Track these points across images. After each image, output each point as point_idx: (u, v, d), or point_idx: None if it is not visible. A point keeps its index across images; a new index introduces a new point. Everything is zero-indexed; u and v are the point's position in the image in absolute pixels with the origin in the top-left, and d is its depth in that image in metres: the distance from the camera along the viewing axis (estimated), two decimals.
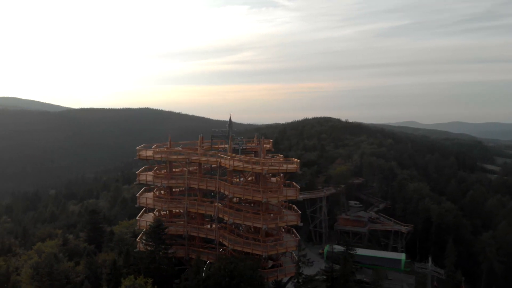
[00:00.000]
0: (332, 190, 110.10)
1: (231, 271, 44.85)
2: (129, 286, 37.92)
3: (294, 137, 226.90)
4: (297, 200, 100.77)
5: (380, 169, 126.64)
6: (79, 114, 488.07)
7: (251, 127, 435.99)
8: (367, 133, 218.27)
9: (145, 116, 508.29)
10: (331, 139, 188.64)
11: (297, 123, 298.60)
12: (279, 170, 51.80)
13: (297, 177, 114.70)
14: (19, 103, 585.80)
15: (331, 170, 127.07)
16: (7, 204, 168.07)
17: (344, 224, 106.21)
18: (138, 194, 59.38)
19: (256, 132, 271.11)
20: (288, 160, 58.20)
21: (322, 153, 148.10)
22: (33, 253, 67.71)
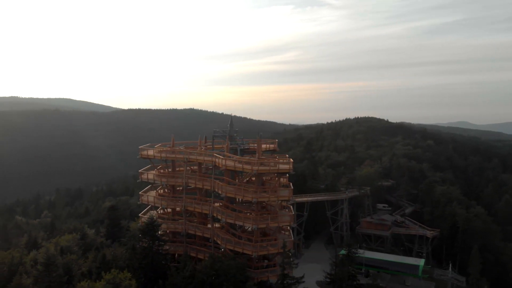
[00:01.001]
0: (355, 192, 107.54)
1: (216, 269, 45.26)
2: (109, 279, 39.25)
3: (330, 138, 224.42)
4: (317, 200, 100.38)
5: (410, 171, 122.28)
6: (127, 114, 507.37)
7: (291, 127, 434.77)
8: (408, 133, 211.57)
9: (189, 116, 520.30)
10: (364, 139, 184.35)
11: (335, 124, 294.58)
12: (270, 170, 51.36)
13: (319, 178, 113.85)
14: (72, 104, 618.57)
15: (358, 172, 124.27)
16: (50, 199, 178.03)
17: (367, 227, 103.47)
18: (141, 192, 61.20)
19: (296, 132, 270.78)
20: (286, 161, 56.85)
21: (351, 154, 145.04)
22: (51, 246, 71.57)
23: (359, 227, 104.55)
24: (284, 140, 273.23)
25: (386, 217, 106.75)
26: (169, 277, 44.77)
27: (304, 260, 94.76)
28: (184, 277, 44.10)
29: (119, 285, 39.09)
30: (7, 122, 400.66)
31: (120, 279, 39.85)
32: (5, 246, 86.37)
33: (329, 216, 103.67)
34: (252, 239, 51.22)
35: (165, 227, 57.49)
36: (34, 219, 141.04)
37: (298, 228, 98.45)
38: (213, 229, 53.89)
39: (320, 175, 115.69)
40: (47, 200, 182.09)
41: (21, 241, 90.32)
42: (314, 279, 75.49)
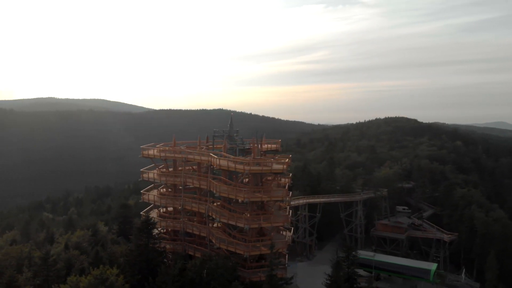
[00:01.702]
0: (370, 194, 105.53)
1: (205, 268, 45.63)
2: (97, 275, 40.33)
3: (355, 138, 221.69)
4: (330, 202, 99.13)
5: (431, 172, 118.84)
6: (159, 115, 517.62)
7: (319, 127, 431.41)
8: (436, 134, 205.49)
9: (218, 117, 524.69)
10: (387, 140, 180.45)
11: (362, 124, 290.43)
12: (262, 170, 51.11)
13: (335, 179, 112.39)
14: (106, 104, 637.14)
15: (377, 173, 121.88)
16: (77, 197, 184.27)
17: (382, 229, 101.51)
18: (142, 191, 62.43)
19: (323, 133, 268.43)
20: (282, 161, 56.36)
21: (372, 154, 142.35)
22: (64, 241, 74.12)
23: (374, 229, 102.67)
24: (310, 140, 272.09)
25: (402, 219, 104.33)
26: (159, 275, 45.45)
27: (316, 261, 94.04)
28: (172, 275, 44.64)
29: (106, 280, 40.03)
30: (44, 121, 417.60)
31: (107, 275, 40.79)
32: (24, 241, 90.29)
33: (343, 218, 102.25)
34: (246, 239, 51.25)
35: (165, 225, 58.39)
36: (62, 216, 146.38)
37: (310, 229, 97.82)
38: (209, 228, 54.26)
39: (336, 176, 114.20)
40: (75, 197, 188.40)
41: (40, 236, 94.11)
42: (322, 280, 74.72)
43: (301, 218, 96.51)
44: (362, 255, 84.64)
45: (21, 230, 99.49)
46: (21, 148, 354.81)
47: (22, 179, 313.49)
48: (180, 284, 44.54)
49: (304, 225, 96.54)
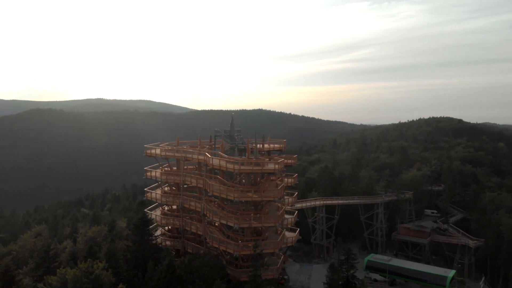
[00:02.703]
0: (393, 197, 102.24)
1: (192, 266, 46.31)
2: (83, 268, 42.00)
3: (392, 139, 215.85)
4: (349, 204, 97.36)
5: (461, 175, 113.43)
6: (200, 115, 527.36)
7: (360, 128, 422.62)
8: (478, 134, 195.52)
9: (257, 117, 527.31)
10: (423, 141, 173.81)
11: (401, 125, 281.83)
12: (253, 170, 51.04)
13: (359, 180, 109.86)
14: (152, 105, 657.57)
15: (404, 175, 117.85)
16: (115, 194, 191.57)
17: (404, 233, 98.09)
18: (146, 189, 64.12)
19: (362, 133, 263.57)
20: (279, 160, 56.03)
21: (403, 156, 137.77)
22: (81, 235, 77.58)
23: (396, 233, 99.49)
24: (347, 141, 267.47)
25: (427, 223, 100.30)
26: (147, 271, 46.62)
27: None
28: (159, 271, 45.65)
29: (91, 273, 41.56)
30: (91, 121, 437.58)
31: (93, 269, 42.33)
32: (52, 235, 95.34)
33: (363, 221, 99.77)
34: (237, 238, 51.53)
35: (165, 222, 59.77)
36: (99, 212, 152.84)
37: (327, 231, 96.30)
38: (205, 226, 54.93)
39: (360, 178, 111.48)
40: (113, 194, 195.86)
41: (66, 231, 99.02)
42: None
43: (318, 220, 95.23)
44: (377, 259, 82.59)
45: (50, 225, 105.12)
46: (69, 147, 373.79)
47: (69, 176, 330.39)
48: (167, 281, 45.45)
49: (321, 227, 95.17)
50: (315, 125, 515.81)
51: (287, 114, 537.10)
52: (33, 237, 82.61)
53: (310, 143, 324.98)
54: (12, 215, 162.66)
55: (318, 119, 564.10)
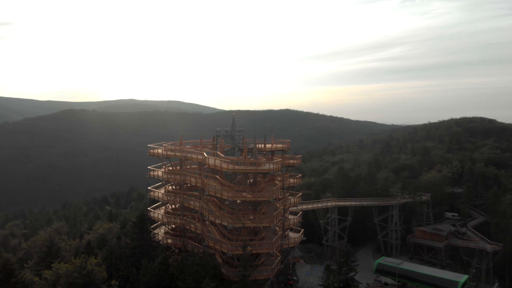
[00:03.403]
0: (408, 199, 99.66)
1: (184, 264, 46.84)
2: (77, 263, 43.28)
3: (420, 139, 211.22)
4: (362, 205, 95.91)
5: (483, 177, 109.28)
6: (227, 115, 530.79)
7: (390, 128, 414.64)
8: (510, 135, 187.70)
9: (285, 117, 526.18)
10: (448, 142, 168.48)
11: (430, 125, 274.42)
12: (247, 170, 51.00)
13: (373, 182, 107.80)
14: (181, 105, 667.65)
15: (423, 177, 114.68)
16: (140, 192, 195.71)
17: (420, 236, 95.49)
18: (150, 187, 65.20)
19: (391, 133, 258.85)
20: (277, 160, 55.83)
21: (424, 157, 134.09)
22: (93, 232, 79.90)
23: (411, 236, 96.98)
24: (373, 141, 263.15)
25: (444, 227, 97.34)
26: (142, 268, 47.50)
27: None
28: (151, 268, 46.44)
29: (83, 269, 42.77)
30: (124, 122, 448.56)
31: (86, 264, 43.55)
32: (71, 231, 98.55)
33: (377, 223, 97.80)
34: (233, 238, 51.66)
35: (167, 221, 60.65)
36: (121, 210, 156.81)
37: (340, 233, 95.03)
38: (202, 225, 55.36)
39: (377, 179, 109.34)
40: (137, 192, 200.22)
41: (84, 228, 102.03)
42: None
43: (331, 221, 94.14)
44: (388, 262, 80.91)
45: (70, 222, 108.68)
46: (101, 146, 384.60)
47: (100, 175, 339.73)
48: (159, 278, 46.19)
49: (334, 228, 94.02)
50: (343, 125, 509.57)
51: (315, 114, 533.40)
52: (49, 233, 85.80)
53: (337, 144, 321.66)
54: (40, 212, 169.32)
55: (347, 119, 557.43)
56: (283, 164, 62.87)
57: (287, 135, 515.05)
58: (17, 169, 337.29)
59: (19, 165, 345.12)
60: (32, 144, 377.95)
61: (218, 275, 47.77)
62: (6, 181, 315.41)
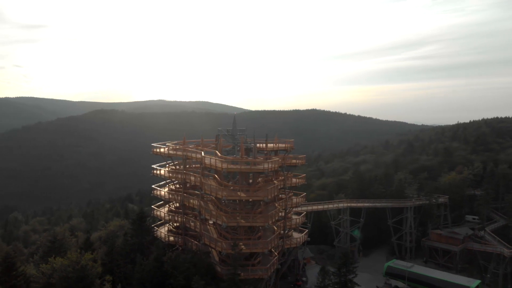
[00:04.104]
0: (423, 201, 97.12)
1: (176, 261, 47.43)
2: (72, 258, 44.57)
3: (447, 140, 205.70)
4: (375, 207, 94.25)
5: (504, 179, 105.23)
6: (253, 115, 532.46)
7: (421, 128, 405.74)
8: None
9: (311, 117, 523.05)
10: (473, 142, 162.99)
11: (458, 125, 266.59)
12: (241, 169, 51.03)
13: (388, 183, 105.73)
14: (208, 106, 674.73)
15: (442, 178, 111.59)
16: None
17: (435, 239, 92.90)
18: (154, 186, 66.26)
19: (418, 133, 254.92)
20: (274, 160, 55.59)
21: (446, 158, 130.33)
22: (104, 229, 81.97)
23: (426, 239, 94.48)
24: (399, 142, 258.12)
25: (461, 230, 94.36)
26: (137, 265, 48.41)
27: (358, 269, 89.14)
28: (145, 265, 47.26)
29: (77, 263, 44.01)
30: (152, 122, 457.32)
31: (81, 259, 44.78)
32: (87, 228, 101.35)
33: (390, 225, 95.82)
34: (229, 237, 51.85)
35: (168, 219, 61.53)
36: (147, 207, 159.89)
37: (352, 235, 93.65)
38: (200, 224, 55.78)
39: (393, 181, 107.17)
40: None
41: (101, 225, 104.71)
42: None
43: (342, 222, 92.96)
44: (398, 265, 79.26)
45: (88, 219, 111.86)
46: (129, 146, 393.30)
47: (127, 174, 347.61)
48: (152, 274, 46.93)
49: (346, 230, 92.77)
50: (371, 125, 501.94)
51: (342, 114, 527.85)
52: (66, 229, 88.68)
53: (362, 144, 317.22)
54: (66, 209, 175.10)
55: (375, 119, 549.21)
56: (285, 164, 62.75)
57: (313, 135, 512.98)
58: (49, 167, 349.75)
59: (51, 163, 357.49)
60: (64, 143, 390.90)
61: (211, 273, 48.01)
62: (39, 178, 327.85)
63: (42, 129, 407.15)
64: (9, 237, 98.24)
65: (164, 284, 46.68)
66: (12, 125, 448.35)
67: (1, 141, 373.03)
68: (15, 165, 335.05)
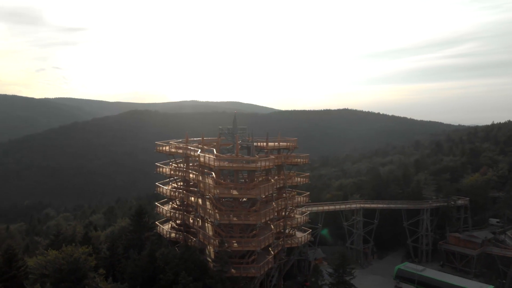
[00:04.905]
0: (441, 202, 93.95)
1: (167, 257, 48.14)
2: (67, 251, 46.06)
3: (478, 140, 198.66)
4: (390, 208, 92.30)
5: None
6: (282, 115, 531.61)
7: (459, 128, 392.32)
8: None
9: (343, 117, 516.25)
10: (503, 143, 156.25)
11: (493, 126, 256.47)
12: (233, 167, 51.14)
13: (404, 183, 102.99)
14: (240, 106, 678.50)
15: (465, 179, 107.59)
16: None
17: (453, 243, 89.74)
18: (157, 183, 67.38)
19: (449, 134, 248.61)
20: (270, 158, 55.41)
21: (471, 159, 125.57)
22: (116, 225, 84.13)
23: (443, 242, 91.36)
24: (430, 142, 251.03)
25: (480, 233, 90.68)
26: (130, 259, 49.49)
27: (369, 271, 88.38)
28: (137, 259, 48.24)
29: (70, 256, 45.40)
30: (183, 122, 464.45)
31: (74, 252, 46.16)
32: (106, 224, 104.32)
33: (406, 227, 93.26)
34: (225, 235, 52.08)
35: (169, 216, 62.54)
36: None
37: (366, 236, 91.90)
38: (197, 221, 56.32)
39: (412, 181, 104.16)
40: None
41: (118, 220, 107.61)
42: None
43: (355, 224, 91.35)
44: (409, 269, 77.37)
45: (108, 215, 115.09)
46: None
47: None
48: (143, 269, 47.81)
49: (358, 231, 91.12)
50: (405, 125, 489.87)
51: (375, 114, 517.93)
52: (83, 224, 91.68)
53: (394, 144, 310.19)
54: (92, 206, 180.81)
55: (410, 119, 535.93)
56: (285, 162, 62.49)
57: (344, 135, 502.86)
58: (84, 166, 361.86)
59: (86, 162, 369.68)
60: (99, 143, 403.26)
61: (201, 270, 48.32)
62: (74, 176, 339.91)
63: (78, 129, 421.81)
64: (33, 231, 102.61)
65: (155, 279, 47.46)
66: (50, 124, 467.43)
67: (39, 140, 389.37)
68: (52, 163, 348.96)
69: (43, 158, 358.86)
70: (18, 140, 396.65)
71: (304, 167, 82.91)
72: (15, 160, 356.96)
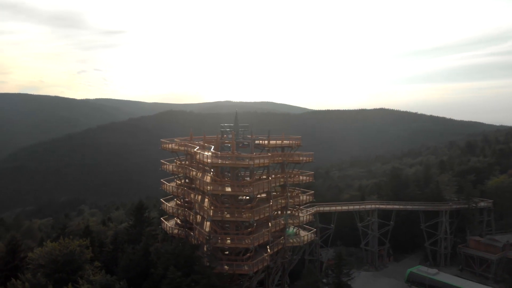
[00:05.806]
0: (462, 204, 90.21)
1: (160, 253, 49.01)
2: (63, 243, 47.87)
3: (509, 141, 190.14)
4: (407, 209, 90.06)
5: None
6: (315, 115, 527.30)
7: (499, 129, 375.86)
8: None
9: (379, 116, 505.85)
10: None
11: None
12: (227, 164, 51.40)
13: (424, 184, 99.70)
14: (273, 106, 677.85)
15: (490, 181, 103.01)
16: None
17: (473, 247, 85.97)
18: (162, 180, 68.57)
19: (488, 135, 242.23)
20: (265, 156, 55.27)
21: (500, 159, 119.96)
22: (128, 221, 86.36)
23: (463, 245, 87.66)
24: (467, 143, 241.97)
25: (504, 237, 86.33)
26: (124, 254, 50.76)
27: (384, 273, 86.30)
28: (132, 253, 49.40)
29: (66, 248, 47.20)
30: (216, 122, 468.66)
31: (70, 244, 47.95)
32: (123, 220, 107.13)
33: (423, 229, 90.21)
34: (220, 232, 52.48)
35: (172, 212, 63.60)
36: None
37: (381, 238, 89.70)
38: (195, 218, 56.95)
39: (432, 182, 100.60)
40: None
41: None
42: None
43: (370, 225, 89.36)
44: (421, 272, 74.96)
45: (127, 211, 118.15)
46: None
47: None
48: (136, 263, 48.93)
49: (373, 233, 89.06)
50: (444, 125, 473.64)
51: (413, 114, 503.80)
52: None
53: (429, 145, 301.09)
54: (122, 203, 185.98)
55: (449, 119, 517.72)
56: (286, 160, 62.16)
57: (379, 135, 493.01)
58: (120, 164, 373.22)
59: (122, 160, 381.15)
60: (134, 142, 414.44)
61: (191, 265, 48.81)
62: (111, 174, 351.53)
63: (115, 129, 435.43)
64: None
65: (147, 273, 48.45)
66: (90, 124, 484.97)
67: (77, 139, 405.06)
68: (89, 161, 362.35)
69: (82, 157, 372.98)
70: (60, 139, 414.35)
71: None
72: (56, 158, 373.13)
